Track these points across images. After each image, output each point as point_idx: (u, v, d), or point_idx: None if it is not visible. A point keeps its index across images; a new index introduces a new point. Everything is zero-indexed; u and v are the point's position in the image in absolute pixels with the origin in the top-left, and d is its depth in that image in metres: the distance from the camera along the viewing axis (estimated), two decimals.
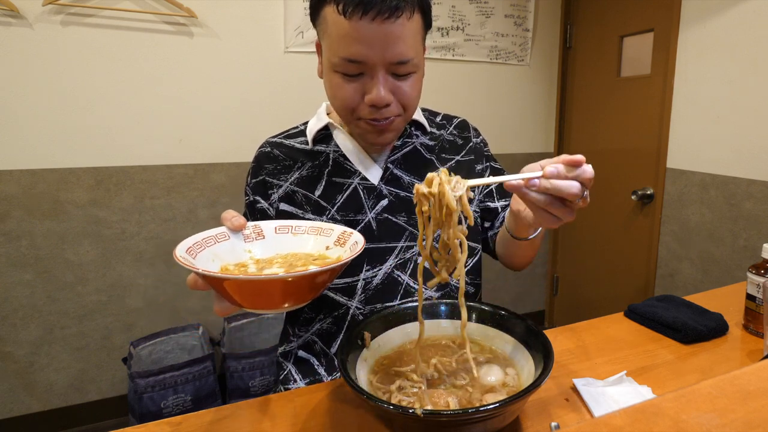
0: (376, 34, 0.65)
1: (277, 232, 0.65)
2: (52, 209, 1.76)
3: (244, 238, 0.63)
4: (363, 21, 0.64)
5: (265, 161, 0.85)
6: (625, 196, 2.16)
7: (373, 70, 0.69)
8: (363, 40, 0.66)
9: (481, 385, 0.59)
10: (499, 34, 2.35)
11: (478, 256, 0.89)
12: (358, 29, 0.65)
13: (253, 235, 0.64)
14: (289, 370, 0.86)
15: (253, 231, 0.64)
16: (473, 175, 0.88)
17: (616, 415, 0.33)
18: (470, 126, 0.94)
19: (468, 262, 0.86)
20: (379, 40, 0.66)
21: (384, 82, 0.70)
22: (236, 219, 0.63)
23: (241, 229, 0.63)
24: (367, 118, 0.74)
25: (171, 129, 1.88)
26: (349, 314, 0.81)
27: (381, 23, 0.65)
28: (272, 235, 0.65)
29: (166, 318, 1.98)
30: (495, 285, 2.60)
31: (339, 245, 0.63)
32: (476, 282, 0.89)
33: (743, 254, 1.67)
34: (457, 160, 0.88)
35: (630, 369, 0.72)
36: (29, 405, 1.83)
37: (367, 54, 0.67)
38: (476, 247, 0.88)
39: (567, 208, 0.56)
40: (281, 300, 0.50)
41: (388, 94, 0.71)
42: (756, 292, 0.81)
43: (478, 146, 0.91)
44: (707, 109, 1.76)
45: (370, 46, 0.66)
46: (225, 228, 0.63)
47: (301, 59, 2.01)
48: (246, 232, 0.64)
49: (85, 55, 1.72)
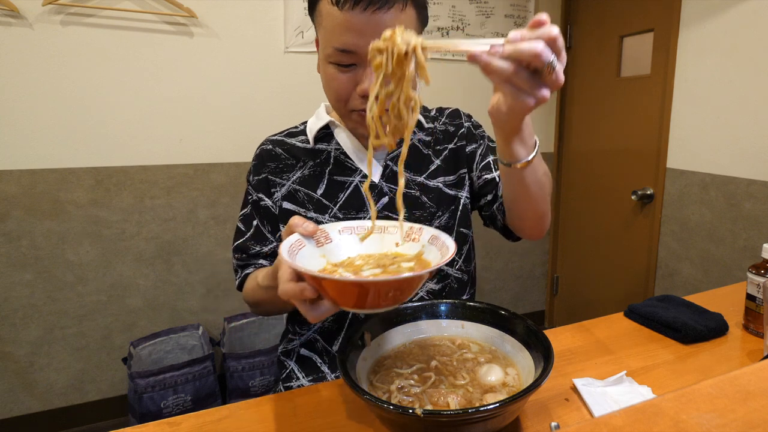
0: (367, 23, 0.66)
1: (341, 233, 0.63)
2: (52, 209, 1.76)
3: (316, 243, 0.60)
4: (355, 11, 0.66)
5: (267, 159, 0.85)
6: (625, 196, 2.16)
7: (366, 60, 0.69)
8: (354, 29, 0.67)
9: (481, 385, 0.59)
10: (499, 34, 2.35)
11: (470, 243, 0.89)
12: (349, 19, 0.66)
13: (322, 239, 0.61)
14: (291, 368, 0.86)
15: (321, 235, 0.61)
16: (468, 158, 0.87)
17: (616, 415, 0.33)
18: (462, 113, 0.93)
19: (463, 250, 0.87)
20: (371, 30, 0.66)
21: None
22: (308, 225, 0.59)
23: (313, 234, 0.60)
24: (358, 109, 0.74)
25: (171, 129, 1.88)
26: (350, 313, 0.81)
27: (373, 13, 0.66)
28: (337, 237, 0.62)
29: (166, 318, 1.98)
30: (495, 285, 2.60)
31: (411, 241, 0.61)
32: (469, 269, 0.89)
33: (743, 254, 1.67)
34: (450, 148, 0.87)
35: (630, 369, 0.72)
36: (29, 405, 1.83)
37: (358, 43, 0.68)
38: (468, 234, 0.89)
39: (535, 79, 0.50)
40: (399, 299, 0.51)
41: None
42: (756, 292, 0.81)
43: (469, 130, 0.90)
44: (707, 109, 1.76)
45: (361, 35, 0.67)
46: (299, 235, 0.59)
47: (301, 59, 2.01)
48: (316, 236, 0.61)
49: (85, 55, 1.72)
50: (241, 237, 0.86)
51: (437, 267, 0.51)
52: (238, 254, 0.85)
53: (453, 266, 0.86)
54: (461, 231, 0.87)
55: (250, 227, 0.85)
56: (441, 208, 0.84)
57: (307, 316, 0.53)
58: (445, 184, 0.86)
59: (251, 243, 0.84)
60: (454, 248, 0.53)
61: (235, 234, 0.87)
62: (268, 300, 0.77)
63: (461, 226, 0.87)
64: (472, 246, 0.91)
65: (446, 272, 0.85)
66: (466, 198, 0.88)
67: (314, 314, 0.53)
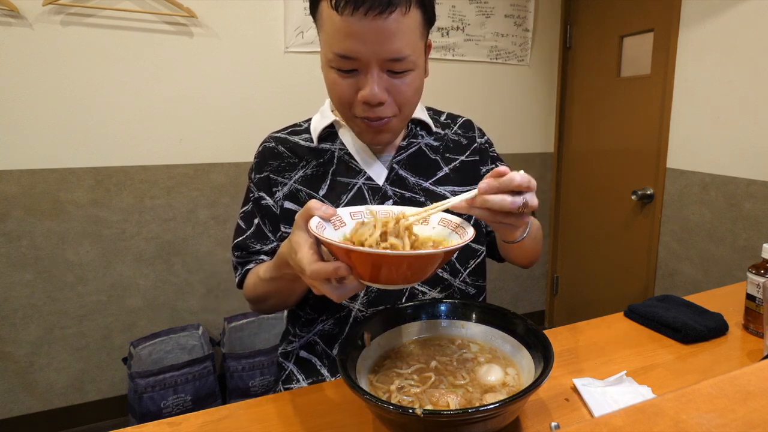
0: (368, 29, 0.64)
1: (352, 218, 0.64)
2: (52, 209, 1.76)
3: (333, 227, 0.61)
4: (355, 16, 0.63)
5: (269, 157, 0.83)
6: (625, 196, 2.16)
7: (367, 66, 0.68)
8: (355, 35, 0.65)
9: (481, 385, 0.59)
10: (499, 34, 2.35)
11: (482, 257, 0.88)
12: (350, 25, 0.64)
13: (337, 223, 0.62)
14: (291, 370, 0.85)
15: (336, 219, 0.62)
16: (478, 175, 0.87)
17: (616, 415, 0.33)
18: (475, 126, 0.92)
19: (471, 263, 0.86)
20: (372, 36, 0.65)
21: (378, 80, 0.68)
22: (326, 208, 0.59)
23: (331, 217, 0.60)
24: (361, 116, 0.73)
25: (171, 129, 1.88)
26: (351, 316, 0.80)
27: (373, 19, 0.63)
28: (350, 221, 0.63)
29: (166, 318, 1.98)
30: (495, 285, 2.60)
31: (422, 224, 0.64)
32: (479, 284, 0.88)
33: (743, 254, 1.67)
34: (462, 160, 0.87)
35: (630, 369, 0.72)
36: (29, 405, 1.83)
37: (359, 50, 0.66)
38: (480, 249, 0.87)
39: (514, 216, 0.56)
40: (422, 274, 0.55)
41: (382, 92, 0.69)
42: (756, 292, 0.81)
43: (483, 147, 0.90)
44: (707, 109, 1.76)
45: (362, 41, 0.65)
46: (318, 218, 0.59)
47: (301, 59, 2.01)
48: (332, 220, 0.61)
49: (85, 55, 1.72)
50: (241, 234, 0.84)
51: (470, 239, 0.57)
52: (237, 252, 0.84)
53: (456, 277, 0.84)
54: (471, 245, 0.85)
55: (251, 225, 0.84)
56: None
57: (332, 296, 0.54)
58: (454, 194, 0.84)
59: (251, 241, 0.83)
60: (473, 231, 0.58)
61: (236, 231, 0.86)
62: (272, 292, 0.76)
63: (471, 240, 0.85)
64: (483, 262, 0.89)
65: (449, 282, 0.83)
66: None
67: (340, 293, 0.54)
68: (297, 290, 0.77)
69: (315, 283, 0.55)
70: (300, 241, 0.56)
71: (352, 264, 0.52)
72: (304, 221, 0.57)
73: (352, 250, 0.50)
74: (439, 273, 0.82)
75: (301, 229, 0.57)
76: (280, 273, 0.69)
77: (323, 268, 0.52)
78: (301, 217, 0.58)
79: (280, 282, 0.72)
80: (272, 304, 0.80)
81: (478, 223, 0.86)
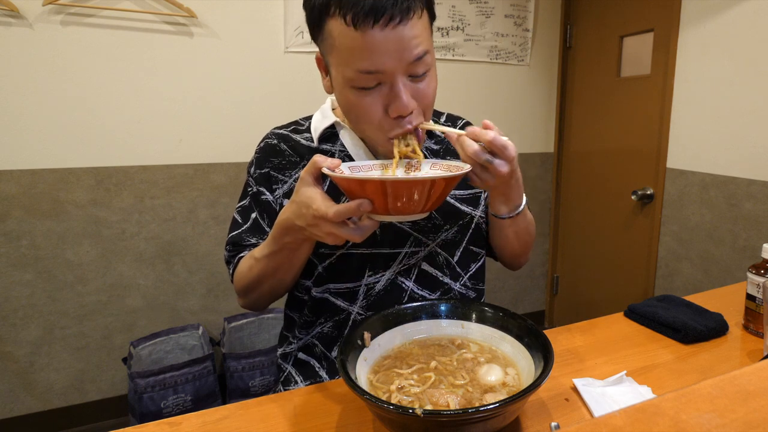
0: (392, 39, 0.62)
1: (351, 171, 0.67)
2: (52, 209, 1.76)
3: None
4: (375, 29, 0.61)
5: (271, 154, 0.83)
6: (625, 196, 2.16)
7: (393, 77, 0.65)
8: (378, 49, 0.62)
9: (481, 385, 0.59)
10: (499, 34, 2.35)
11: (482, 261, 0.88)
12: (371, 39, 0.61)
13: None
14: (289, 372, 0.85)
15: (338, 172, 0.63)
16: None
17: (616, 415, 0.33)
18: None
19: (472, 267, 0.86)
20: (395, 45, 0.62)
21: (404, 89, 0.66)
22: (332, 160, 0.61)
23: (336, 167, 0.62)
24: (392, 136, 0.70)
25: (171, 129, 1.88)
26: (350, 319, 0.80)
27: (394, 28, 0.61)
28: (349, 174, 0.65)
29: (166, 318, 1.98)
30: (495, 285, 2.60)
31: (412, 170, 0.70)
32: (479, 287, 0.88)
33: (743, 254, 1.67)
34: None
35: (630, 369, 0.72)
36: (29, 405, 1.83)
37: (384, 62, 0.63)
38: (480, 252, 0.87)
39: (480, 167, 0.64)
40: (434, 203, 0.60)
41: (411, 101, 0.67)
42: (756, 292, 0.81)
43: None
44: (707, 109, 1.76)
45: (387, 53, 0.63)
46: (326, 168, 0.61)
47: (301, 59, 2.01)
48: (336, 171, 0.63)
49: (85, 55, 1.72)
50: (237, 228, 0.83)
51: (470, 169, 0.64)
52: (230, 246, 0.82)
53: (457, 281, 0.84)
54: (471, 248, 0.85)
55: (248, 219, 0.82)
56: (448, 222, 0.82)
57: (353, 237, 0.57)
58: (455, 198, 0.84)
59: (247, 235, 0.81)
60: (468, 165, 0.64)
61: (231, 225, 0.84)
62: (269, 271, 0.73)
63: (472, 244, 0.85)
64: (483, 266, 0.88)
65: (449, 286, 0.83)
66: (480, 217, 0.86)
67: (360, 233, 0.57)
68: (296, 264, 0.75)
69: (335, 229, 0.57)
70: (311, 194, 0.59)
71: (369, 197, 0.55)
72: (311, 176, 0.61)
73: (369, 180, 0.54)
74: (440, 277, 0.82)
75: (310, 184, 0.61)
76: (280, 244, 0.68)
77: (346, 207, 0.55)
78: (307, 173, 0.61)
79: (279, 255, 0.71)
80: (267, 288, 0.78)
81: (479, 226, 0.86)
